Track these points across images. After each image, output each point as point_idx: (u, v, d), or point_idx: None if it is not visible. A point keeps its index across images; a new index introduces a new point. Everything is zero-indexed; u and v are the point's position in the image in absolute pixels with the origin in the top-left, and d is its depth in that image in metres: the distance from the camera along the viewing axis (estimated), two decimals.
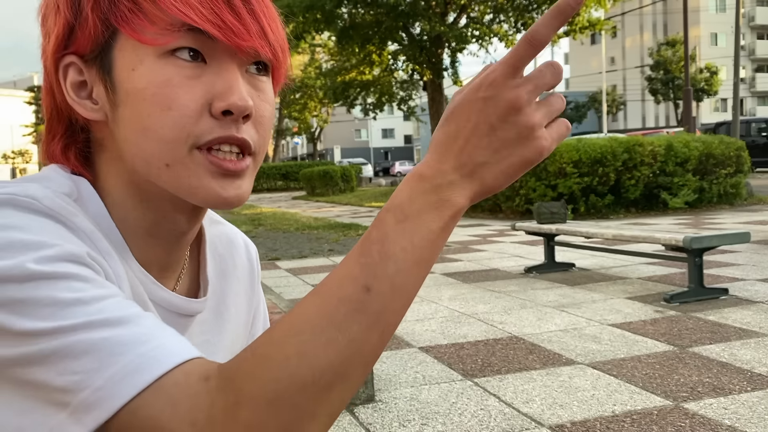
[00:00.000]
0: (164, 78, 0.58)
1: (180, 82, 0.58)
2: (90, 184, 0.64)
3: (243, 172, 0.62)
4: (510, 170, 0.54)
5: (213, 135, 0.59)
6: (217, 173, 0.60)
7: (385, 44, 22.38)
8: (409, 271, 0.52)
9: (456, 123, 0.53)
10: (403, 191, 0.53)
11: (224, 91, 0.59)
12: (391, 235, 0.52)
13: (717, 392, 2.93)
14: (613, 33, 22.92)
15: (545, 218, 6.16)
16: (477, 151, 0.53)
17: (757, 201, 12.73)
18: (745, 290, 4.98)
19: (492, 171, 0.53)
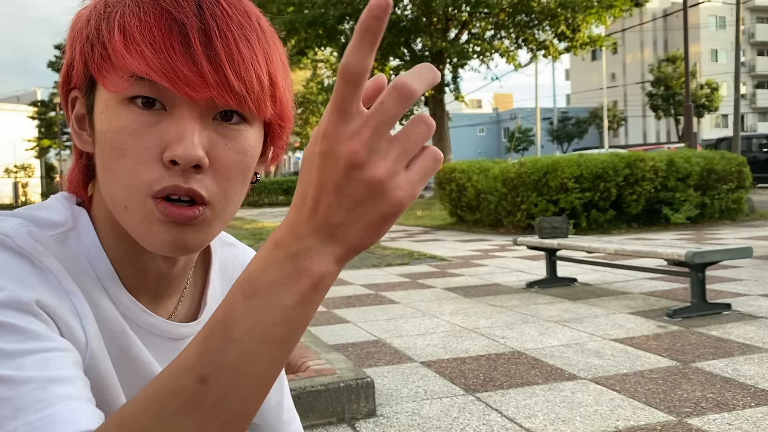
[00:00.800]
0: (121, 124, 0.60)
1: (135, 130, 0.59)
2: (89, 214, 0.68)
3: (193, 220, 0.61)
4: (372, 228, 0.46)
5: (161, 185, 0.59)
6: (164, 220, 0.60)
7: (387, 60, 22.50)
8: (257, 355, 0.46)
9: (304, 182, 0.47)
10: (256, 261, 0.48)
11: (173, 141, 0.58)
12: (236, 314, 0.46)
13: (721, 408, 2.91)
14: (613, 49, 23.00)
15: (547, 233, 6.16)
16: (330, 212, 0.46)
17: (759, 216, 12.72)
18: (748, 305, 4.96)
19: (353, 230, 0.46)
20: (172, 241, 0.61)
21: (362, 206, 0.45)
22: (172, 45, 0.57)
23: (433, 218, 16.09)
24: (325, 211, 0.46)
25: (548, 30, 21.27)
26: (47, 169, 55.19)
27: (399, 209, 0.46)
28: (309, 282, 0.46)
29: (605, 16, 20.24)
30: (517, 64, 22.52)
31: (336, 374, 3.03)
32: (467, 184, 12.93)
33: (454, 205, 13.86)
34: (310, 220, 0.46)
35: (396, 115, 0.44)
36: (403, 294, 6.16)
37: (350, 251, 0.47)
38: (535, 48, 21.98)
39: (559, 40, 21.40)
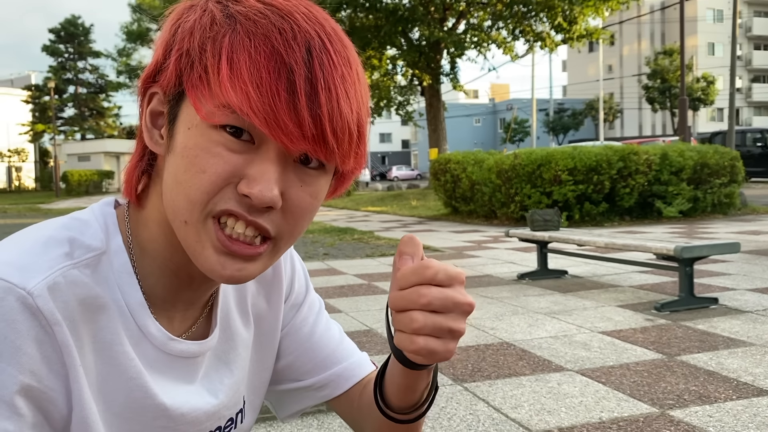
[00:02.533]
0: (208, 145, 0.60)
1: (220, 153, 0.60)
2: (124, 232, 0.68)
3: (254, 257, 0.63)
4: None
5: (227, 206, 0.61)
6: (220, 249, 0.62)
7: (384, 48, 22.45)
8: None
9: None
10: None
11: (254, 177, 0.60)
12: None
13: (703, 400, 2.97)
14: (610, 41, 23.00)
15: (538, 225, 6.21)
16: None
17: (750, 211, 12.81)
18: (735, 300, 5.03)
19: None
20: (228, 273, 0.63)
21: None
22: (278, 90, 0.57)
23: (427, 209, 16.14)
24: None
25: (545, 21, 21.25)
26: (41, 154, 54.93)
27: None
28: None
29: (602, 9, 20.22)
30: (514, 55, 22.50)
31: None
32: (462, 175, 12.98)
33: (448, 195, 13.91)
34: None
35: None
36: None
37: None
38: (532, 39, 21.97)
39: (556, 32, 21.38)
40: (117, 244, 0.67)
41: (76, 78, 51.68)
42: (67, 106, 51.87)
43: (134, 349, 0.66)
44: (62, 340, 0.60)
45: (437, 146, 21.57)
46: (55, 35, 51.27)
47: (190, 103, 0.61)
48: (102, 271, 0.65)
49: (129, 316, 0.66)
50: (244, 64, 0.57)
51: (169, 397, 0.69)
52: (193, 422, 0.71)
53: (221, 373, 0.76)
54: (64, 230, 0.65)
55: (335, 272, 7.02)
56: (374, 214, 16.67)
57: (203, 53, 0.59)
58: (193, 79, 0.60)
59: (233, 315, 0.79)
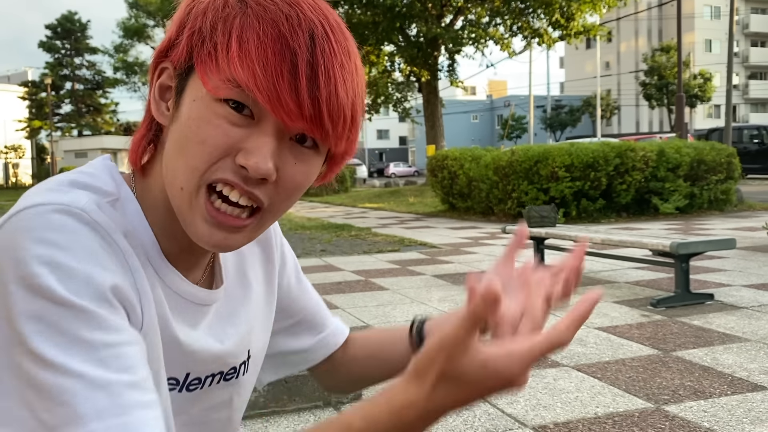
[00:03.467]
0: (210, 117, 0.64)
1: (221, 125, 0.64)
2: (129, 186, 0.72)
3: (239, 229, 0.68)
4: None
5: (223, 175, 0.65)
6: (209, 220, 0.67)
7: (381, 45, 22.43)
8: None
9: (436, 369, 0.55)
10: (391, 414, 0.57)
11: (251, 150, 0.64)
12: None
13: (698, 395, 2.99)
14: (608, 38, 23.00)
15: (535, 222, 6.22)
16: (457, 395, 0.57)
17: (747, 207, 12.84)
18: (731, 296, 5.05)
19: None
20: (214, 242, 0.68)
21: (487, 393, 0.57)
22: (282, 71, 0.61)
23: (425, 205, 16.15)
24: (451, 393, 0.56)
25: (543, 18, 21.25)
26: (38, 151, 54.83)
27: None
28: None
29: (600, 5, 20.23)
30: (511, 51, 22.50)
31: None
32: (459, 172, 12.99)
33: (445, 192, 13.92)
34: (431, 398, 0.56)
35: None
36: (392, 280, 6.23)
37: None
38: (530, 36, 21.97)
39: (554, 28, 21.39)
40: (126, 192, 0.71)
41: (73, 74, 51.55)
42: (64, 102, 51.76)
43: (154, 290, 0.70)
44: (123, 246, 0.65)
45: (435, 143, 21.57)
46: (52, 31, 51.14)
47: (198, 78, 0.65)
48: (119, 212, 0.68)
49: (145, 257, 0.70)
50: (253, 44, 0.62)
51: (183, 333, 0.73)
52: (199, 361, 0.76)
53: (224, 324, 0.81)
54: (81, 176, 0.69)
55: (332, 268, 7.03)
56: (371, 210, 16.69)
57: (214, 32, 0.64)
58: (203, 54, 0.64)
59: (233, 278, 0.84)
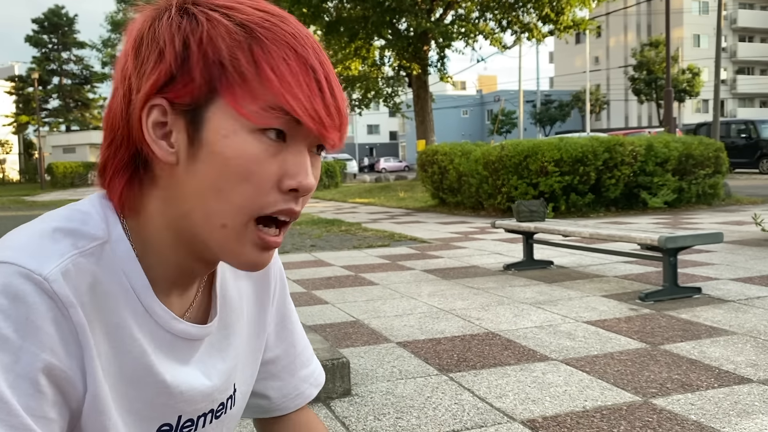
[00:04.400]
0: (252, 153, 0.65)
1: (263, 159, 0.65)
2: (120, 223, 0.71)
3: (278, 245, 0.71)
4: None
5: (277, 207, 0.67)
6: (260, 245, 0.69)
7: (371, 39, 22.38)
8: None
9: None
10: None
11: (296, 172, 0.66)
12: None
13: (685, 388, 3.01)
14: (597, 33, 23.08)
15: (524, 216, 6.23)
16: None
17: (734, 202, 12.93)
18: (718, 289, 5.08)
19: None
20: (260, 262, 0.70)
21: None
22: (313, 89, 0.65)
23: (415, 200, 16.16)
24: None
25: (532, 12, 21.26)
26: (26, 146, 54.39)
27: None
28: None
29: (589, 0, 20.26)
30: (501, 46, 22.51)
31: None
32: (449, 167, 12.99)
33: (436, 187, 13.93)
34: None
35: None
36: (382, 275, 6.22)
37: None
38: (520, 30, 21.97)
39: (543, 23, 21.41)
40: (118, 233, 0.70)
41: (60, 69, 51.14)
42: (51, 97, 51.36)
43: (140, 330, 0.70)
44: (77, 321, 0.63)
45: (425, 138, 21.56)
46: (39, 25, 50.67)
47: (225, 110, 0.64)
48: (106, 259, 0.68)
49: (135, 298, 0.69)
50: (284, 68, 0.64)
51: (170, 375, 0.73)
52: (189, 401, 0.75)
53: (214, 359, 0.80)
54: (68, 222, 0.68)
55: (322, 264, 7.02)
56: (362, 205, 16.67)
57: (235, 61, 0.64)
58: (229, 84, 0.64)
59: (228, 307, 0.83)
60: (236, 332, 0.84)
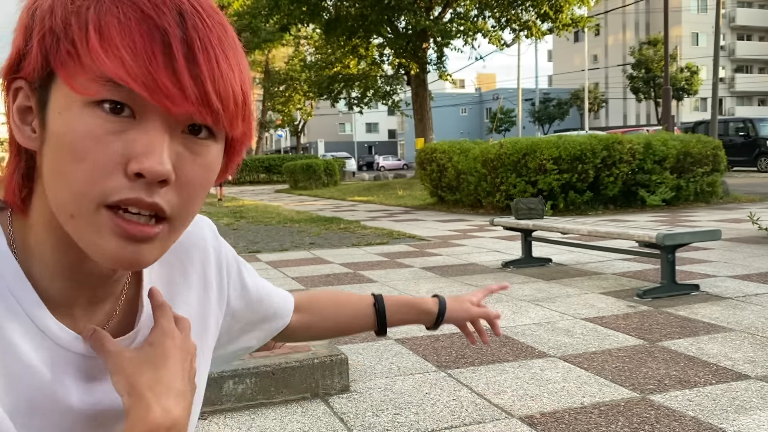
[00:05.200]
0: (85, 129, 0.56)
1: (99, 136, 0.56)
2: (6, 236, 0.63)
3: (151, 238, 0.60)
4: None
5: (121, 196, 0.57)
6: (120, 234, 0.58)
7: (370, 37, 22.38)
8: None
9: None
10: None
11: (142, 153, 0.56)
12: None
13: (683, 385, 3.02)
14: (596, 31, 23.09)
15: (523, 214, 6.24)
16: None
17: (732, 199, 12.94)
18: (716, 286, 5.09)
19: None
20: (126, 257, 0.59)
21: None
22: (154, 53, 0.55)
23: (413, 198, 16.16)
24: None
25: (531, 10, 21.27)
26: None
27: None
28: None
29: None
30: (500, 44, 22.51)
31: (310, 351, 3.09)
32: (448, 165, 12.99)
33: (434, 185, 13.93)
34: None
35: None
36: (381, 273, 6.23)
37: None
38: (518, 28, 21.98)
39: (542, 21, 21.42)
40: (2, 250, 0.62)
41: None
42: None
43: (36, 354, 0.62)
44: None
45: (423, 136, 21.56)
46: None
47: (61, 85, 0.57)
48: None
49: (27, 319, 0.61)
50: (115, 30, 0.55)
51: (82, 399, 0.65)
52: (115, 420, 0.68)
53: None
54: None
55: (321, 261, 7.02)
56: (360, 203, 16.67)
57: (68, 27, 0.56)
58: (62, 56, 0.56)
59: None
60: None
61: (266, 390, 2.89)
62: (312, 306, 1.04)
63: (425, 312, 1.09)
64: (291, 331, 1.01)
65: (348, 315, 1.06)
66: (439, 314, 1.09)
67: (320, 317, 1.04)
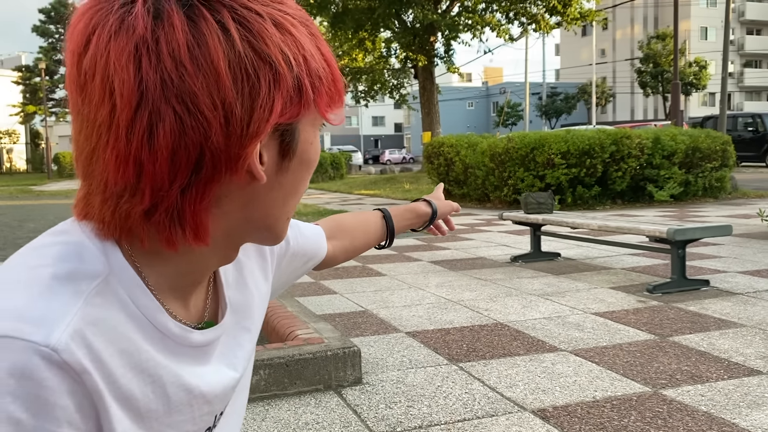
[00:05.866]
0: (319, 149, 0.68)
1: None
2: (121, 253, 0.63)
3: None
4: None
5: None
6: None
7: (377, 31, 22.33)
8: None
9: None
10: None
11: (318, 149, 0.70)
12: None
13: (695, 380, 3.02)
14: (604, 25, 22.96)
15: (532, 208, 6.24)
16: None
17: (741, 195, 12.89)
18: (726, 282, 5.08)
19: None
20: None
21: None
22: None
23: (420, 192, 16.15)
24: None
25: (539, 4, 21.17)
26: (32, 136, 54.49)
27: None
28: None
29: None
30: (508, 38, 22.43)
31: (324, 343, 3.10)
32: (455, 159, 12.98)
33: (441, 179, 13.91)
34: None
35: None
36: (389, 266, 6.24)
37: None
38: (526, 22, 21.89)
39: (550, 15, 21.32)
40: (119, 261, 0.63)
41: None
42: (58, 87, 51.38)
43: (164, 356, 0.66)
44: (92, 387, 0.59)
45: (431, 129, 21.53)
46: (45, 15, 50.69)
47: (308, 117, 0.64)
48: (112, 293, 0.62)
49: (148, 323, 0.65)
50: (332, 57, 0.65)
51: (205, 385, 0.71)
52: (223, 399, 0.75)
53: (235, 348, 0.79)
54: (64, 263, 0.61)
55: None
56: (367, 197, 16.68)
57: (323, 69, 0.63)
58: (320, 93, 0.63)
59: (236, 296, 0.81)
60: (249, 312, 0.83)
61: (280, 381, 2.91)
62: (341, 230, 1.15)
63: (423, 214, 1.26)
64: (331, 258, 1.12)
65: (370, 231, 1.18)
66: (433, 212, 1.27)
67: (350, 239, 1.16)
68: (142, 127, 0.56)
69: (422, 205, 1.27)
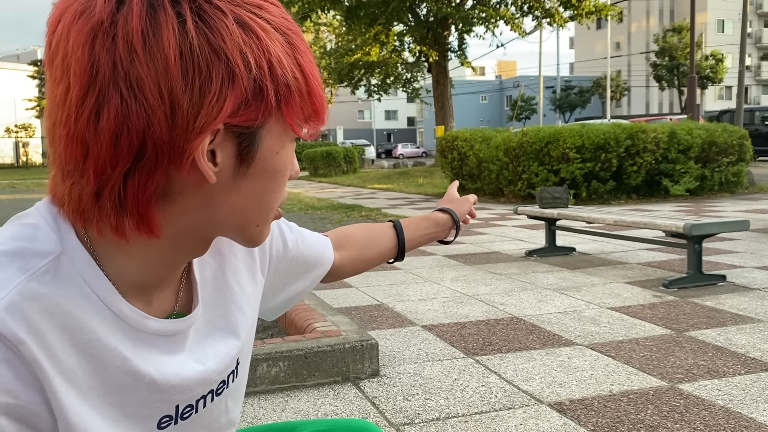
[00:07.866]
0: (291, 161, 0.68)
1: (293, 163, 0.70)
2: (74, 231, 0.65)
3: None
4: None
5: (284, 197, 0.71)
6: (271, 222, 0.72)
7: (391, 24, 22.29)
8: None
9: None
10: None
11: (294, 164, 0.71)
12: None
13: (711, 374, 3.03)
14: (619, 18, 22.77)
15: (547, 203, 6.23)
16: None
17: (758, 190, 12.79)
18: (743, 277, 5.06)
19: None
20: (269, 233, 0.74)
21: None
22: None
23: (434, 186, 16.15)
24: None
25: None
26: None
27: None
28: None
29: None
30: (522, 31, 22.33)
31: (341, 336, 3.14)
32: (469, 153, 12.97)
33: (455, 173, 13.90)
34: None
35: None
36: (405, 261, 6.26)
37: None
38: (541, 15, 21.78)
39: (565, 8, 21.19)
40: (73, 242, 0.64)
41: None
42: None
43: (114, 337, 0.66)
44: (30, 356, 0.59)
45: (444, 123, 21.51)
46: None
47: (275, 127, 0.64)
48: (64, 272, 0.63)
49: (101, 304, 0.65)
50: (317, 75, 0.66)
51: (158, 372, 0.70)
52: (184, 390, 0.74)
53: (206, 344, 0.78)
54: (14, 241, 0.63)
55: None
56: (381, 191, 16.70)
57: (295, 79, 0.63)
58: (289, 102, 0.63)
59: (211, 291, 0.80)
60: (227, 309, 0.81)
61: (299, 373, 2.94)
62: (349, 241, 1.12)
63: (442, 221, 1.23)
64: (338, 269, 1.09)
65: (380, 242, 1.15)
66: (454, 219, 1.25)
67: (358, 249, 1.12)
68: (89, 108, 0.57)
69: (439, 214, 1.24)
